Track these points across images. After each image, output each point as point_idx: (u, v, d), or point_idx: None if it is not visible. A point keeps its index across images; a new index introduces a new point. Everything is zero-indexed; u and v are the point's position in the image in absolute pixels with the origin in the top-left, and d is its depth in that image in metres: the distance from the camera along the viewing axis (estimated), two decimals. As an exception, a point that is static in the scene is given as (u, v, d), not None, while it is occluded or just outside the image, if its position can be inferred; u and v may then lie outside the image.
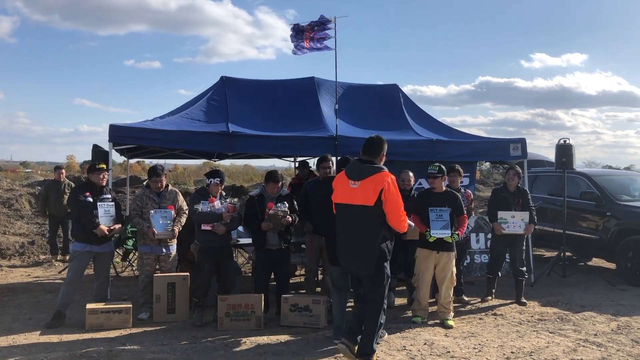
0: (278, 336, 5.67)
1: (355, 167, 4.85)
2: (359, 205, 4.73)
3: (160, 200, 6.47)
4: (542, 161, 12.97)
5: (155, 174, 6.48)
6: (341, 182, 4.88)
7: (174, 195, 6.59)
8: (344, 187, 4.84)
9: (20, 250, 10.73)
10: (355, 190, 4.74)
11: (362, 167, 4.81)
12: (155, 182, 6.46)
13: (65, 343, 5.39)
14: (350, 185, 4.77)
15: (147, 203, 6.44)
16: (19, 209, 15.24)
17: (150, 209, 6.35)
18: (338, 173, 5.18)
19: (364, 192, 4.70)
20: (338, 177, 5.02)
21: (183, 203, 6.66)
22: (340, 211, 4.91)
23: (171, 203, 6.51)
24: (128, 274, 9.08)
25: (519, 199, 7.26)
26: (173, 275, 6.37)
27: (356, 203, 4.74)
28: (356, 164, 4.87)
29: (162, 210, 6.37)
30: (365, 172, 4.75)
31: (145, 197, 6.48)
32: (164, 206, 6.43)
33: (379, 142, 4.93)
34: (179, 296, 6.26)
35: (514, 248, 7.26)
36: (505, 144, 8.65)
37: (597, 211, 8.96)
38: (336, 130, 7.87)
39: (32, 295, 7.46)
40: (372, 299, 4.84)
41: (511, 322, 6.38)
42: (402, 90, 9.78)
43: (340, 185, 4.89)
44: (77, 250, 6.19)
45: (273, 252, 6.29)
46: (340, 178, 4.95)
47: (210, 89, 8.95)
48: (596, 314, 6.67)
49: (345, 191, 4.83)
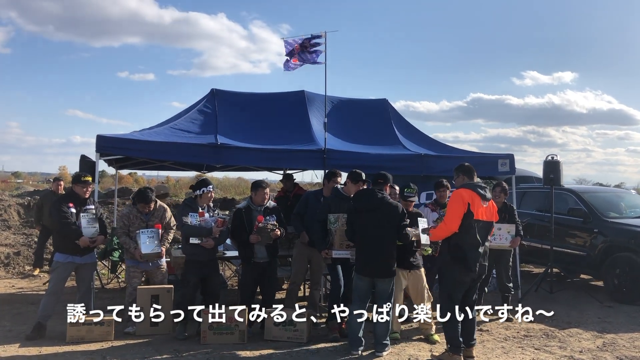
0: (261, 350, 5.62)
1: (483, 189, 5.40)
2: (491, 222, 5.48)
3: (147, 219, 6.39)
4: (530, 177, 13.02)
5: (144, 201, 6.33)
6: (477, 201, 5.29)
7: (162, 212, 6.50)
8: (480, 206, 5.30)
9: (5, 261, 10.62)
10: (487, 209, 5.38)
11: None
12: (143, 207, 6.36)
13: (45, 356, 5.32)
14: (484, 204, 5.33)
15: (135, 222, 6.36)
16: (6, 220, 15.11)
17: (138, 228, 6.29)
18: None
19: (493, 210, 5.50)
20: (472, 195, 5.28)
21: (171, 219, 6.59)
22: (482, 227, 5.34)
23: (159, 221, 6.42)
24: (114, 286, 8.99)
25: (506, 215, 7.27)
26: (157, 288, 6.31)
27: (490, 220, 5.44)
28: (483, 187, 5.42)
29: (149, 231, 6.28)
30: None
31: (132, 215, 6.40)
32: (151, 224, 6.34)
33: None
34: (164, 308, 6.13)
35: (500, 263, 7.25)
36: (493, 160, 8.66)
37: (585, 227, 8.98)
38: (325, 143, 7.87)
39: (14, 307, 7.37)
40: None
41: (497, 337, 6.36)
42: (391, 104, 9.80)
43: (477, 204, 5.29)
44: (59, 261, 6.12)
45: (261, 265, 6.25)
46: (474, 197, 5.29)
47: (200, 100, 8.93)
48: (582, 331, 6.66)
49: (483, 210, 5.34)
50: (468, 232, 5.23)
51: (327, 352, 5.69)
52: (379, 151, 8.33)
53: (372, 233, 5.58)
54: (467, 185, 5.39)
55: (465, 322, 5.41)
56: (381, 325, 5.60)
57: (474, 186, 5.36)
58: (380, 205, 5.62)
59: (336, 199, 6.23)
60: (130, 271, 6.43)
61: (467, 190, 5.31)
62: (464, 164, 5.66)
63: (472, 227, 5.22)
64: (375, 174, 5.98)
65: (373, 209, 5.60)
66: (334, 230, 6.00)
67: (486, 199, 5.34)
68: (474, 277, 5.34)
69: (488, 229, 5.43)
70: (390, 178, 6.01)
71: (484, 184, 5.60)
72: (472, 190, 5.29)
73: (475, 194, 5.26)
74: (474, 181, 5.48)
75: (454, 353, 5.31)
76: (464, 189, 5.34)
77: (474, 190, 5.30)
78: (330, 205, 6.20)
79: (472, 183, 5.43)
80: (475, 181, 5.49)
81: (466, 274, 5.28)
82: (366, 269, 5.63)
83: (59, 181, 10.63)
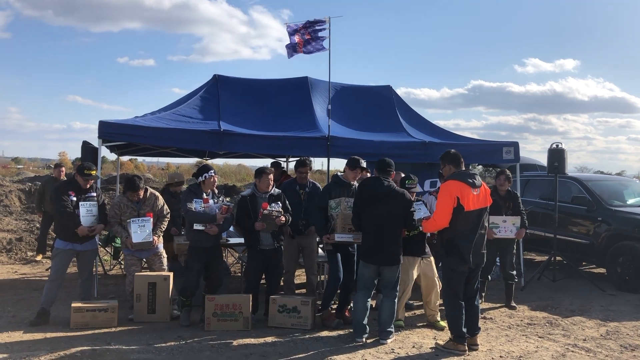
0: (265, 337, 5.62)
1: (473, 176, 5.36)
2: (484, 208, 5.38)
3: (139, 208, 6.32)
4: (534, 165, 12.97)
5: (132, 189, 6.24)
6: (466, 192, 5.20)
7: (153, 200, 6.42)
8: (470, 196, 5.22)
9: (7, 247, 10.62)
10: (478, 196, 5.28)
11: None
12: (132, 195, 6.28)
13: (49, 342, 5.31)
14: (474, 192, 5.24)
15: (126, 211, 6.30)
16: (8, 205, 15.09)
17: (129, 217, 6.23)
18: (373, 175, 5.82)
19: (485, 194, 5.40)
20: (460, 187, 5.20)
21: (164, 207, 6.53)
22: (475, 216, 5.28)
23: (150, 209, 6.36)
24: (116, 272, 8.99)
25: (510, 203, 7.24)
26: (154, 275, 6.27)
27: (484, 206, 5.36)
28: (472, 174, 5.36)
29: (139, 220, 6.21)
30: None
31: (123, 204, 6.32)
32: (143, 213, 6.28)
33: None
34: (160, 296, 6.12)
35: (504, 252, 7.23)
36: (498, 147, 8.62)
37: (589, 216, 8.95)
38: (328, 130, 7.82)
39: (17, 293, 7.37)
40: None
41: (500, 326, 6.35)
42: (395, 91, 9.74)
43: (467, 194, 5.20)
44: (59, 248, 6.11)
45: (266, 252, 6.23)
46: (463, 188, 5.20)
47: (203, 86, 8.88)
48: (585, 319, 6.66)
49: (473, 198, 5.25)
50: (459, 225, 5.21)
51: (332, 339, 5.68)
52: (383, 138, 8.28)
53: (378, 221, 5.54)
54: (454, 176, 5.31)
55: (469, 311, 5.40)
56: (386, 313, 5.60)
57: (462, 176, 5.29)
58: (388, 193, 5.59)
59: (336, 185, 6.19)
60: (128, 259, 6.42)
61: (455, 182, 5.24)
62: (450, 151, 5.59)
63: (465, 219, 5.20)
64: (377, 161, 5.92)
65: (380, 198, 5.56)
66: (335, 215, 5.97)
67: (476, 187, 5.26)
68: (471, 266, 5.32)
69: (482, 216, 5.34)
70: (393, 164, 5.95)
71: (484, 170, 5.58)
72: (460, 181, 5.23)
73: (464, 185, 5.19)
74: (461, 169, 5.41)
75: (458, 343, 5.31)
76: (451, 181, 5.28)
77: (462, 180, 5.23)
78: (330, 191, 6.16)
79: (460, 172, 5.35)
80: (463, 169, 5.42)
81: (462, 264, 5.28)
82: (372, 257, 5.61)
83: (61, 167, 10.58)
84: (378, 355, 5.21)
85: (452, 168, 5.44)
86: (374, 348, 5.39)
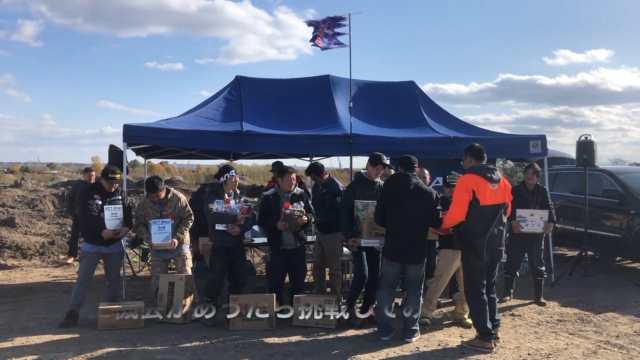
0: (290, 337, 5.61)
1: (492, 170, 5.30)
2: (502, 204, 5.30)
3: (161, 209, 6.39)
4: (563, 158, 12.70)
5: (151, 189, 6.33)
6: (483, 186, 5.15)
7: (175, 201, 6.45)
8: (487, 190, 5.16)
9: (40, 250, 10.86)
10: (496, 191, 5.21)
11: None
12: (152, 196, 6.36)
13: (77, 343, 5.40)
14: (492, 187, 5.18)
15: (149, 212, 6.39)
16: (42, 210, 15.48)
17: (152, 218, 6.31)
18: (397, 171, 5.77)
19: (505, 190, 5.32)
20: (477, 180, 5.17)
21: (187, 208, 6.54)
22: (491, 211, 5.22)
23: (172, 211, 6.40)
24: (145, 274, 9.11)
25: (538, 197, 7.09)
26: (173, 275, 6.33)
27: (502, 201, 5.29)
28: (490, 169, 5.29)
29: (160, 221, 6.27)
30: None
31: (146, 205, 6.42)
32: (165, 214, 6.35)
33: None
34: (176, 296, 6.13)
35: (532, 247, 7.09)
36: (524, 141, 8.46)
37: (621, 209, 8.70)
38: (350, 128, 7.77)
39: (48, 295, 7.52)
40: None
41: (529, 322, 6.22)
42: (419, 87, 9.64)
43: (484, 188, 5.15)
44: (86, 251, 6.22)
45: (288, 252, 6.23)
46: (480, 182, 5.15)
47: (225, 88, 8.95)
48: (619, 315, 6.47)
49: (491, 193, 5.19)
50: (476, 220, 5.17)
51: (356, 338, 5.64)
52: (406, 135, 8.20)
53: (404, 219, 5.47)
54: (472, 170, 5.28)
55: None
56: (411, 311, 5.54)
57: (480, 170, 5.24)
58: (415, 191, 5.51)
59: (360, 183, 6.14)
60: (153, 260, 6.52)
61: (472, 175, 5.21)
62: (474, 144, 5.53)
63: (480, 214, 5.14)
64: (401, 158, 5.84)
65: (407, 195, 5.49)
66: (362, 219, 5.89)
67: (494, 181, 5.19)
68: (488, 262, 5.26)
69: (498, 212, 5.26)
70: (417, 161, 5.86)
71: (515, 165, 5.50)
72: (478, 175, 5.18)
73: (481, 178, 5.15)
74: (482, 163, 5.34)
75: (485, 340, 5.22)
76: (468, 175, 5.25)
77: (479, 174, 5.19)
78: (355, 190, 6.11)
79: (478, 166, 5.30)
80: (484, 163, 5.35)
81: (479, 261, 5.21)
82: (397, 255, 5.55)
83: (91, 171, 10.76)
84: (403, 353, 5.16)
85: (472, 161, 5.38)
86: (399, 347, 5.33)
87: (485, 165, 5.35)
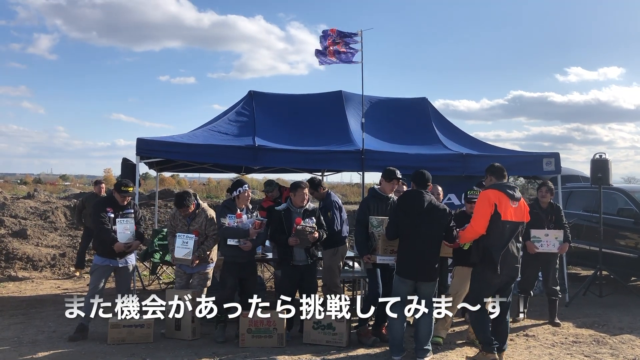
0: (300, 355, 5.55)
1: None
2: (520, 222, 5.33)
3: (189, 223, 6.35)
4: (577, 176, 12.59)
5: (178, 205, 6.30)
6: (505, 202, 5.19)
7: (203, 218, 6.35)
8: (508, 207, 5.21)
9: (51, 262, 10.88)
10: (517, 209, 5.26)
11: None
12: (180, 211, 6.32)
13: (87, 357, 5.38)
14: (513, 205, 5.23)
15: (178, 224, 6.37)
16: (54, 221, 15.52)
17: (180, 231, 6.30)
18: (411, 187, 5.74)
19: (524, 210, 5.37)
20: (499, 196, 5.20)
21: (212, 227, 6.38)
22: (510, 228, 5.23)
23: (198, 227, 6.33)
24: (155, 287, 9.09)
25: (552, 216, 7.00)
26: (180, 291, 6.26)
27: (521, 220, 5.32)
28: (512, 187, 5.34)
29: (185, 235, 6.24)
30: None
31: (176, 217, 6.42)
32: (192, 229, 6.30)
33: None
34: (184, 314, 5.98)
35: (546, 267, 6.99)
36: (538, 159, 8.40)
37: (636, 228, 8.59)
38: (362, 144, 7.75)
39: (59, 308, 7.48)
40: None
41: (543, 343, 6.12)
42: (431, 103, 9.61)
43: (505, 204, 5.20)
44: (97, 264, 6.22)
45: (299, 268, 6.18)
46: (502, 197, 5.20)
47: (238, 102, 8.96)
48: (635, 337, 6.35)
49: (512, 210, 5.24)
50: (495, 234, 5.17)
51: (367, 357, 5.58)
52: (418, 151, 8.17)
53: (418, 236, 5.42)
54: (494, 186, 5.32)
55: (498, 326, 5.31)
56: (423, 330, 5.46)
57: (502, 186, 5.29)
58: (430, 208, 5.47)
59: (374, 199, 6.10)
60: (176, 269, 6.49)
61: (494, 191, 5.25)
62: (494, 164, 5.60)
63: (500, 228, 5.15)
64: (414, 173, 5.78)
65: (421, 212, 5.44)
66: (378, 235, 5.83)
67: (515, 199, 5.23)
68: (505, 279, 5.24)
69: (517, 230, 5.27)
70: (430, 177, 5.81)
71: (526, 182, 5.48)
72: (500, 191, 5.22)
73: (502, 194, 5.19)
74: (503, 181, 5.38)
75: (487, 352, 5.18)
76: (490, 190, 5.29)
77: (501, 190, 5.23)
78: (369, 205, 6.06)
79: (500, 184, 5.35)
80: (505, 181, 5.40)
81: (495, 275, 5.19)
82: (410, 272, 5.49)
83: (101, 184, 10.79)
84: (415, 373, 5.08)
85: (493, 179, 5.44)
86: (411, 366, 5.26)
87: (507, 183, 5.38)
